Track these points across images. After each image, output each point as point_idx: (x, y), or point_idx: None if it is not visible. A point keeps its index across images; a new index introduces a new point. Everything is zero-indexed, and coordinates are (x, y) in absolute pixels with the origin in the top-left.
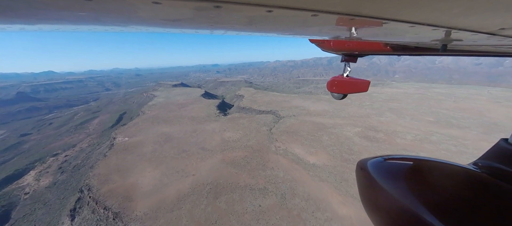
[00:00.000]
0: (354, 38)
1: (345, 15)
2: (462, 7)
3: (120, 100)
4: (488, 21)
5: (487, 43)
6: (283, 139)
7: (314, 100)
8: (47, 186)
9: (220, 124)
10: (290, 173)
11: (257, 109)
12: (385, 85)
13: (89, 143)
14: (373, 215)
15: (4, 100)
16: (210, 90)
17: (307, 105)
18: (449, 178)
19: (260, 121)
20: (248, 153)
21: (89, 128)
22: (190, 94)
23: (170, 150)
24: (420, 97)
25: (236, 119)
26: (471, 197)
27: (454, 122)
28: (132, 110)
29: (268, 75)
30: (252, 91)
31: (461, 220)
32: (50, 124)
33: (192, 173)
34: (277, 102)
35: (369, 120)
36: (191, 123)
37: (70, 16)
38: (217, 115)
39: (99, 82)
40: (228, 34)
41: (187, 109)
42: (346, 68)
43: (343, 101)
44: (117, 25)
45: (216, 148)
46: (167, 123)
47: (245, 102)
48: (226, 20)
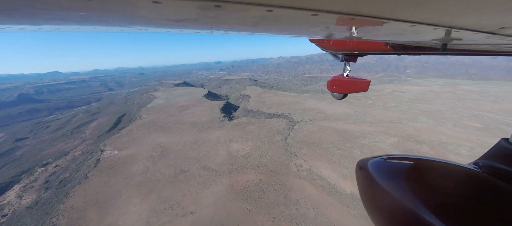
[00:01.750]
0: (354, 37)
1: (345, 15)
2: (462, 6)
3: (121, 101)
4: (488, 21)
5: (487, 42)
6: (304, 153)
7: (329, 101)
8: (29, 206)
9: (225, 131)
10: (323, 211)
11: (267, 112)
12: (404, 82)
13: (82, 150)
14: (373, 215)
15: (6, 102)
16: (214, 89)
17: (323, 107)
18: (449, 178)
19: (272, 127)
20: (262, 176)
21: (86, 132)
22: (192, 94)
23: (165, 169)
24: (450, 96)
25: (243, 125)
26: (471, 196)
27: (508, 129)
28: (131, 112)
29: (273, 72)
30: (259, 90)
31: (461, 219)
32: (47, 127)
33: (191, 210)
34: (288, 103)
35: (403, 127)
36: (192, 130)
37: (69, 16)
38: (222, 119)
39: (103, 82)
40: (228, 34)
41: (188, 113)
42: (346, 67)
43: (364, 102)
44: (117, 25)
45: (221, 166)
46: (164, 130)
47: (252, 104)
48: (225, 20)
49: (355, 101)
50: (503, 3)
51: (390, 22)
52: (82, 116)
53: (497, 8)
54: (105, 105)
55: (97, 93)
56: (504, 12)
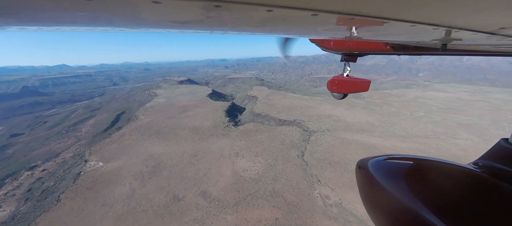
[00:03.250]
0: (354, 37)
1: (345, 15)
2: (462, 6)
3: (123, 97)
4: (488, 21)
5: (487, 42)
6: (328, 177)
7: (346, 106)
8: (4, 221)
9: (230, 141)
10: None
11: (277, 117)
12: (424, 87)
13: (74, 152)
14: (373, 215)
15: (11, 94)
16: (218, 88)
17: (340, 114)
18: (449, 178)
19: (285, 137)
20: (279, 213)
21: (82, 130)
22: (196, 93)
23: (155, 193)
24: (485, 106)
25: (251, 133)
26: (471, 196)
27: None
28: (131, 109)
29: (279, 71)
30: (266, 91)
31: (461, 219)
32: (45, 122)
33: None
34: (300, 108)
35: (443, 144)
36: (192, 137)
37: (69, 16)
38: (226, 124)
39: (108, 76)
40: (228, 34)
41: (190, 114)
42: (346, 67)
43: (387, 110)
44: (118, 25)
45: (225, 194)
46: (160, 137)
47: (261, 107)
48: (225, 20)
49: (375, 108)
50: (503, 3)
51: (390, 22)
52: (82, 112)
53: (497, 8)
54: (106, 101)
55: (101, 88)
56: (504, 12)
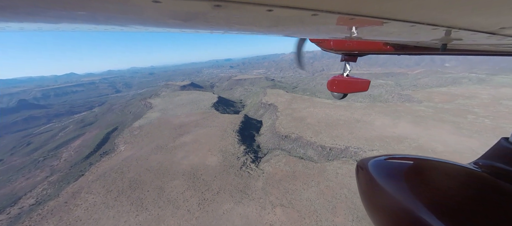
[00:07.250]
0: (354, 37)
1: (346, 15)
2: (462, 6)
3: (120, 108)
4: (489, 21)
5: (487, 42)
6: None
7: (411, 118)
8: None
9: (255, 209)
10: None
11: (317, 144)
12: (486, 83)
13: (38, 196)
14: (373, 215)
15: (6, 108)
16: (225, 92)
17: (414, 134)
18: (449, 178)
19: (349, 185)
20: None
21: (63, 155)
22: (198, 102)
23: None
24: None
25: (287, 181)
26: (471, 196)
27: None
28: (125, 124)
29: (287, 69)
30: (285, 96)
31: (461, 219)
32: (28, 144)
33: None
34: (344, 122)
35: None
36: (185, 202)
37: (69, 15)
38: (243, 162)
39: (111, 83)
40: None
41: (187, 140)
42: (346, 67)
43: (481, 123)
44: (118, 24)
45: None
46: (133, 199)
47: (286, 124)
48: (225, 20)
49: (459, 121)
50: (503, 3)
51: (390, 22)
52: (72, 128)
53: (497, 8)
54: (103, 113)
55: (103, 96)
56: (504, 12)
